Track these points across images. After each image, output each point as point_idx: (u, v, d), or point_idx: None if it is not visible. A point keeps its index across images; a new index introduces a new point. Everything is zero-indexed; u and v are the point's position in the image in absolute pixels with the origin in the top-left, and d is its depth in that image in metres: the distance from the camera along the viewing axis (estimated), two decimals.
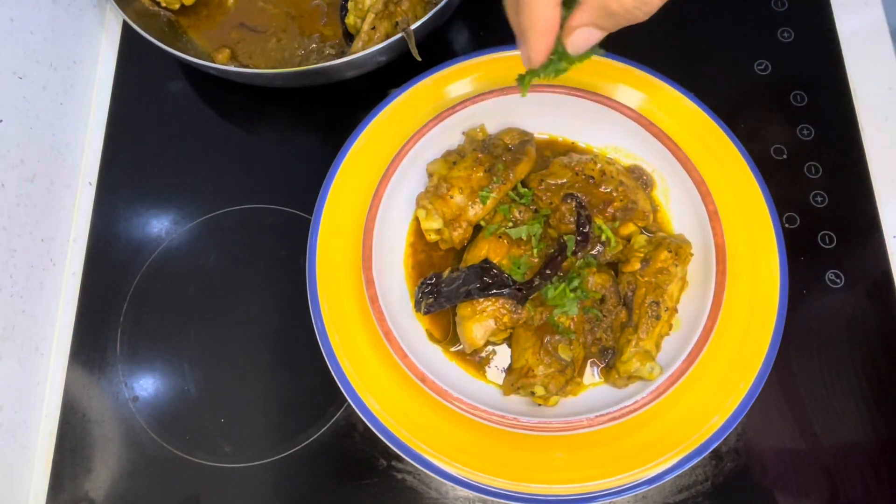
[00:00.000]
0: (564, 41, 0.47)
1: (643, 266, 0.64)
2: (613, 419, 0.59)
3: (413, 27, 0.71)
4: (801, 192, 0.75)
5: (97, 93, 0.85)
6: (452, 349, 0.66)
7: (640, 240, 0.67)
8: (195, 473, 0.67)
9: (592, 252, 0.67)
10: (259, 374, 0.71)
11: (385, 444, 0.61)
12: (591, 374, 0.65)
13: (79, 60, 0.83)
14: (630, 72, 0.72)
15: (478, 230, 0.69)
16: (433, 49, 0.78)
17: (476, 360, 0.66)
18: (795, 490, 0.64)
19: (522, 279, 0.64)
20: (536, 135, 0.73)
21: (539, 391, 0.61)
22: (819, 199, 0.75)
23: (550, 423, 0.59)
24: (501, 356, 0.66)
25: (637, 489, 0.59)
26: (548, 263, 0.65)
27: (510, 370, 0.65)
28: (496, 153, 0.69)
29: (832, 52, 0.81)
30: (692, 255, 0.66)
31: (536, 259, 0.66)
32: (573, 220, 0.67)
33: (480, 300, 0.63)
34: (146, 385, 0.71)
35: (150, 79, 0.84)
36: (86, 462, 0.68)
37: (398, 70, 0.76)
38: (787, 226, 0.73)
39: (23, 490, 0.68)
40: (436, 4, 0.73)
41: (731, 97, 0.79)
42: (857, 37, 0.82)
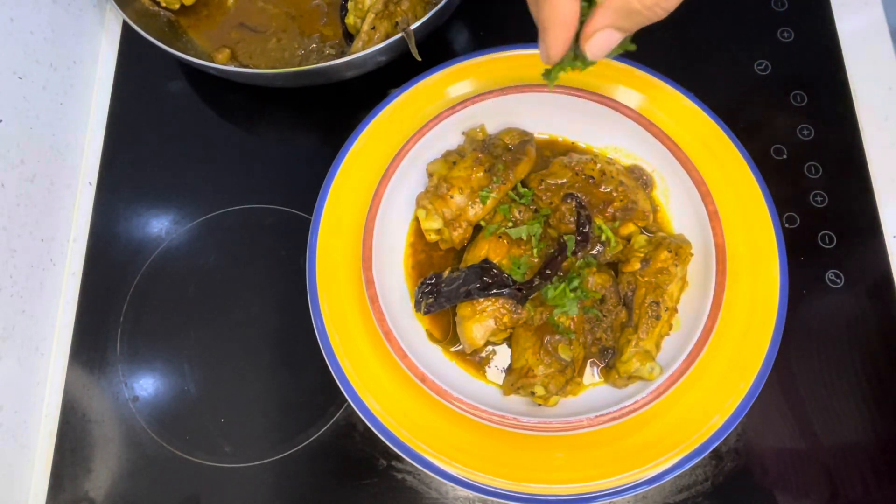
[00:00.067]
0: (583, 45, 0.47)
1: (643, 266, 0.64)
2: (613, 419, 0.59)
3: (413, 27, 0.71)
4: (801, 192, 0.75)
5: (97, 93, 0.85)
6: (452, 349, 0.66)
7: (640, 240, 0.67)
8: (195, 473, 0.67)
9: (592, 252, 0.67)
10: (259, 374, 0.71)
11: (385, 444, 0.61)
12: (591, 374, 0.65)
13: (79, 60, 0.83)
14: (630, 72, 0.72)
15: (478, 230, 0.69)
16: (433, 49, 0.78)
17: (476, 360, 0.66)
18: (795, 490, 0.64)
19: (522, 279, 0.64)
20: (536, 135, 0.73)
21: (539, 391, 0.61)
22: (819, 199, 0.75)
23: (550, 423, 0.59)
24: (501, 356, 0.66)
25: (637, 489, 0.59)
26: (548, 263, 0.65)
27: (510, 370, 0.65)
28: (496, 153, 0.69)
29: (832, 52, 0.81)
30: (692, 255, 0.66)
31: (536, 259, 0.66)
32: (573, 220, 0.67)
33: (480, 300, 0.63)
34: (146, 385, 0.71)
35: (150, 79, 0.84)
36: (86, 462, 0.68)
37: (398, 70, 0.76)
38: (787, 226, 0.73)
39: (23, 490, 0.68)
40: (436, 4, 0.73)
41: (731, 97, 0.79)
42: (857, 37, 0.82)
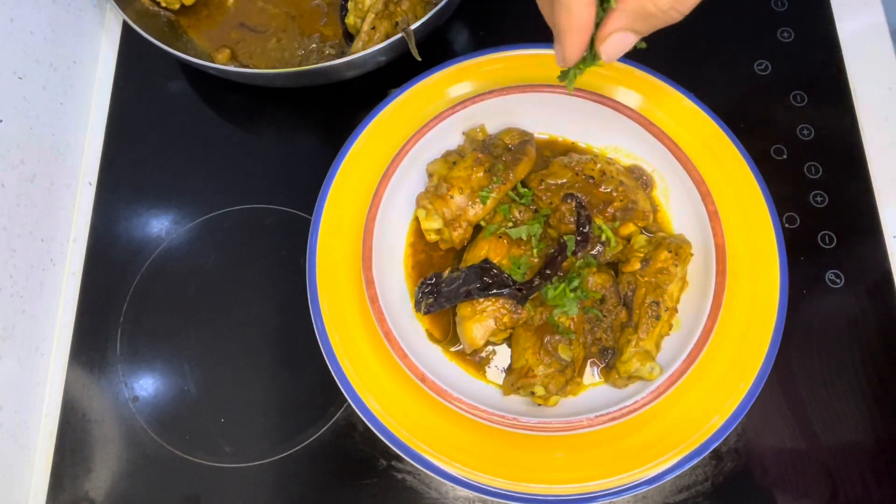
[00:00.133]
0: (598, 48, 0.47)
1: (643, 266, 0.64)
2: (613, 419, 0.59)
3: (413, 27, 0.71)
4: (801, 192, 0.75)
5: (97, 93, 0.85)
6: (452, 349, 0.66)
7: (640, 240, 0.67)
8: (195, 473, 0.67)
9: (592, 252, 0.67)
10: (259, 374, 0.71)
11: (385, 444, 0.61)
12: (591, 374, 0.65)
13: (79, 60, 0.83)
14: (630, 72, 0.72)
15: (478, 230, 0.69)
16: (433, 49, 0.78)
17: (476, 360, 0.66)
18: (795, 490, 0.64)
19: (522, 279, 0.64)
20: (536, 135, 0.73)
21: (539, 391, 0.61)
22: (819, 199, 0.75)
23: (550, 423, 0.59)
24: (501, 356, 0.66)
25: (637, 489, 0.59)
26: (548, 263, 0.65)
27: (510, 370, 0.65)
28: (496, 153, 0.69)
29: (832, 52, 0.81)
30: (692, 255, 0.66)
31: (536, 259, 0.66)
32: (573, 220, 0.67)
33: (480, 300, 0.63)
34: (146, 385, 0.71)
35: (150, 79, 0.84)
36: (86, 462, 0.68)
37: (398, 70, 0.76)
38: (787, 226, 0.73)
39: (23, 490, 0.68)
40: (436, 4, 0.73)
41: (731, 97, 0.79)
42: (857, 37, 0.82)
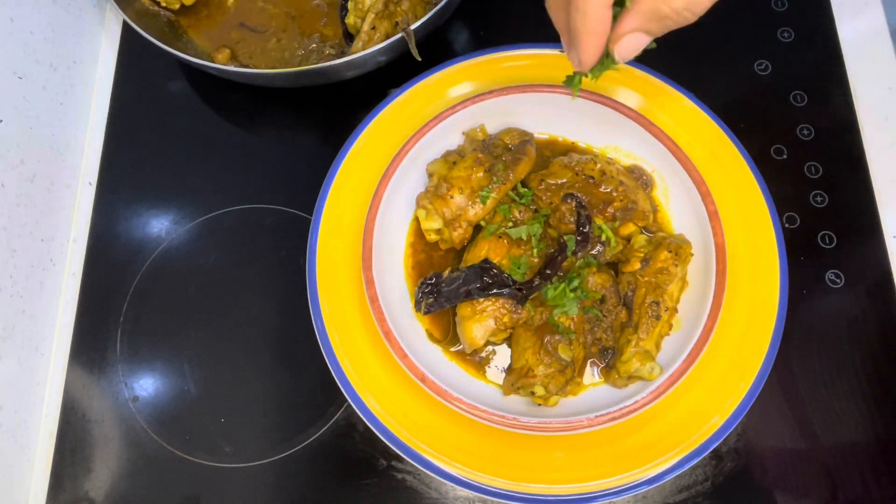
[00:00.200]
0: (611, 48, 0.47)
1: (643, 266, 0.64)
2: (613, 419, 0.59)
3: (413, 27, 0.71)
4: (801, 192, 0.75)
5: (97, 93, 0.85)
6: (452, 349, 0.66)
7: (640, 240, 0.67)
8: (195, 473, 0.67)
9: (592, 252, 0.67)
10: (259, 374, 0.71)
11: (385, 444, 0.61)
12: (591, 374, 0.65)
13: (79, 60, 0.83)
14: (630, 72, 0.72)
15: (478, 230, 0.69)
16: (433, 49, 0.78)
17: (476, 360, 0.66)
18: (795, 490, 0.64)
19: (522, 279, 0.64)
20: (536, 135, 0.73)
21: (539, 391, 0.61)
22: (819, 199, 0.75)
23: (550, 423, 0.59)
24: (501, 356, 0.66)
25: (637, 489, 0.59)
26: (548, 263, 0.65)
27: (510, 370, 0.65)
28: (496, 153, 0.69)
29: (832, 52, 0.81)
30: (692, 255, 0.66)
31: (536, 259, 0.66)
32: (573, 220, 0.67)
33: (480, 300, 0.63)
34: (146, 385, 0.71)
35: (150, 79, 0.84)
36: (86, 462, 0.68)
37: (398, 70, 0.76)
38: (787, 226, 0.73)
39: (23, 490, 0.68)
40: (436, 4, 0.73)
41: (731, 97, 0.79)
42: (857, 37, 0.82)
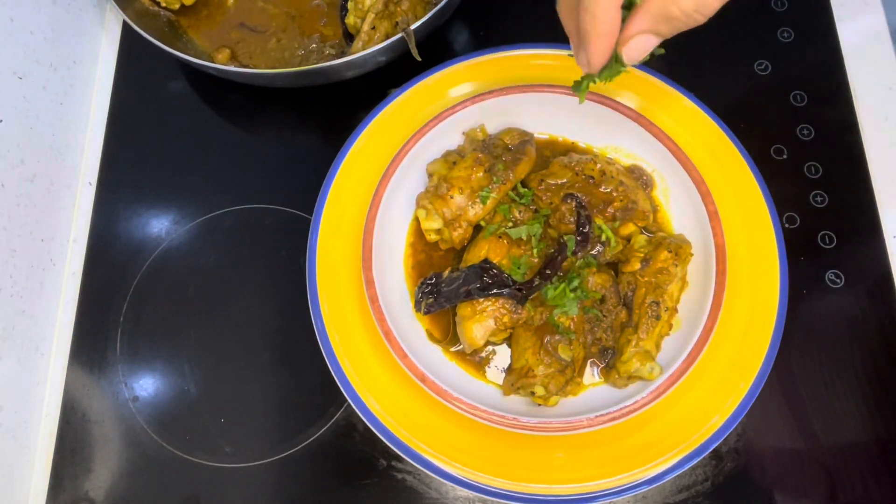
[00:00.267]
0: (619, 50, 0.46)
1: (643, 266, 0.64)
2: (613, 419, 0.59)
3: (413, 27, 0.71)
4: (801, 192, 0.75)
5: (97, 93, 0.85)
6: (452, 349, 0.66)
7: (640, 240, 0.67)
8: (195, 473, 0.67)
9: (592, 252, 0.67)
10: (259, 374, 0.71)
11: (385, 444, 0.61)
12: (591, 374, 0.65)
13: (79, 60, 0.83)
14: (630, 72, 0.72)
15: (478, 230, 0.69)
16: (433, 49, 0.78)
17: (476, 360, 0.66)
18: (795, 490, 0.64)
19: (522, 279, 0.64)
20: (536, 135, 0.73)
21: (539, 391, 0.61)
22: (819, 199, 0.75)
23: (550, 423, 0.59)
24: (501, 356, 0.66)
25: (637, 489, 0.59)
26: (548, 263, 0.65)
27: (510, 370, 0.65)
28: (496, 153, 0.69)
29: (832, 52, 0.81)
30: (692, 255, 0.66)
31: (536, 259, 0.66)
32: (573, 220, 0.67)
33: (480, 300, 0.63)
34: (146, 385, 0.71)
35: (150, 79, 0.84)
36: (86, 462, 0.68)
37: (398, 70, 0.76)
38: (787, 226, 0.73)
39: (23, 490, 0.68)
40: (436, 4, 0.73)
41: (731, 97, 0.79)
42: (858, 37, 0.82)
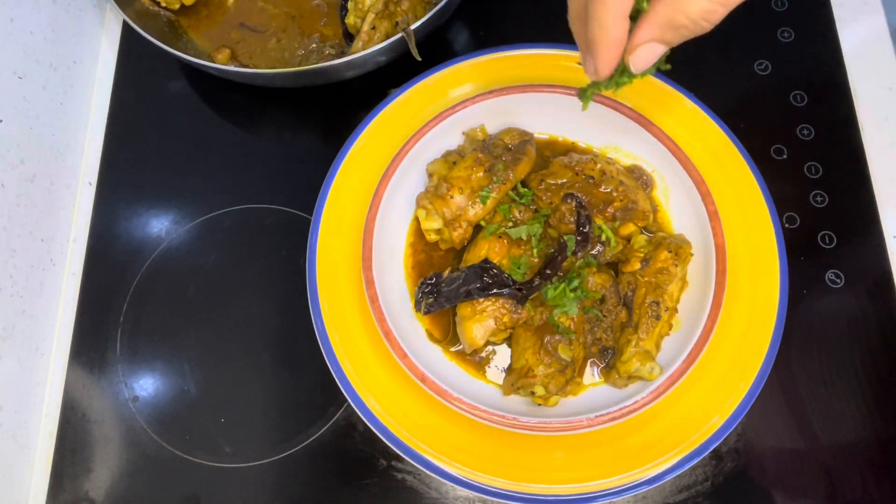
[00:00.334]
0: (626, 59, 0.46)
1: (643, 266, 0.64)
2: (613, 419, 0.59)
3: (413, 27, 0.71)
4: (801, 192, 0.75)
5: (97, 93, 0.85)
6: (452, 349, 0.66)
7: (640, 240, 0.67)
8: (195, 473, 0.67)
9: (592, 252, 0.67)
10: (259, 374, 0.71)
11: (385, 444, 0.61)
12: (591, 374, 0.65)
13: (79, 60, 0.83)
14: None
15: (478, 230, 0.69)
16: (433, 49, 0.78)
17: (476, 360, 0.66)
18: (795, 490, 0.64)
19: (522, 279, 0.64)
20: (536, 135, 0.73)
21: (539, 391, 0.61)
22: (819, 199, 0.75)
23: (550, 423, 0.59)
24: (501, 356, 0.66)
25: (637, 489, 0.59)
26: (548, 263, 0.65)
27: (510, 370, 0.65)
28: (496, 153, 0.69)
29: (832, 52, 0.81)
30: (692, 255, 0.66)
31: (536, 259, 0.66)
32: (573, 220, 0.67)
33: (480, 300, 0.63)
34: (146, 385, 0.71)
35: (150, 79, 0.84)
36: (86, 462, 0.68)
37: (398, 70, 0.76)
38: (787, 226, 0.73)
39: (23, 490, 0.68)
40: (436, 4, 0.73)
41: (731, 97, 0.79)
42: (858, 37, 0.82)
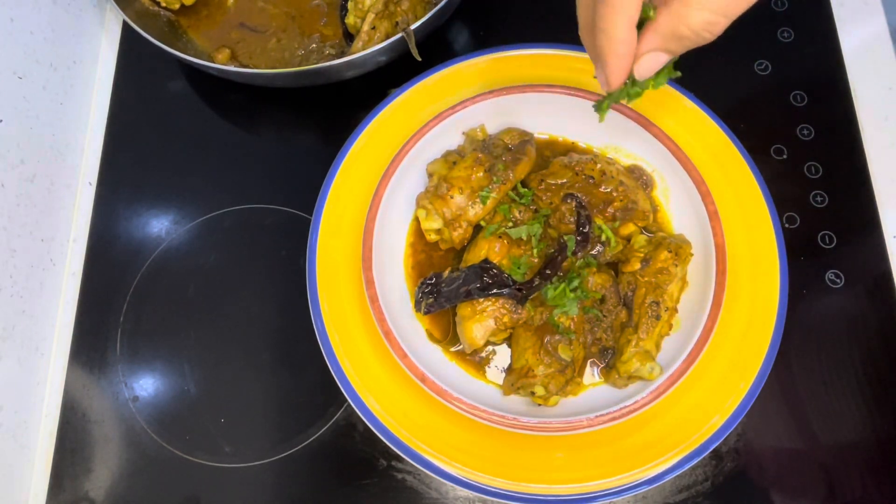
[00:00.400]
0: (632, 67, 0.47)
1: (643, 266, 0.64)
2: (613, 419, 0.59)
3: (413, 27, 0.71)
4: (801, 192, 0.75)
5: (97, 93, 0.85)
6: (452, 349, 0.66)
7: (640, 240, 0.67)
8: (195, 473, 0.67)
9: (592, 252, 0.67)
10: (259, 374, 0.71)
11: (385, 444, 0.61)
12: (591, 374, 0.65)
13: (79, 60, 0.83)
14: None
15: (478, 230, 0.69)
16: (433, 49, 0.78)
17: (476, 360, 0.66)
18: (795, 490, 0.64)
19: (522, 279, 0.64)
20: (536, 135, 0.73)
21: (539, 391, 0.61)
22: (819, 199, 0.75)
23: (550, 423, 0.59)
24: (501, 356, 0.66)
25: (637, 489, 0.59)
26: (548, 263, 0.65)
27: (510, 370, 0.65)
28: (496, 153, 0.69)
29: (832, 52, 0.81)
30: (692, 255, 0.66)
31: (536, 259, 0.66)
32: (573, 220, 0.67)
33: (480, 300, 0.63)
34: (146, 385, 0.71)
35: (150, 79, 0.84)
36: (86, 462, 0.68)
37: (398, 70, 0.76)
38: (787, 226, 0.73)
39: (23, 490, 0.68)
40: (436, 4, 0.73)
41: (731, 97, 0.79)
42: (857, 37, 0.82)
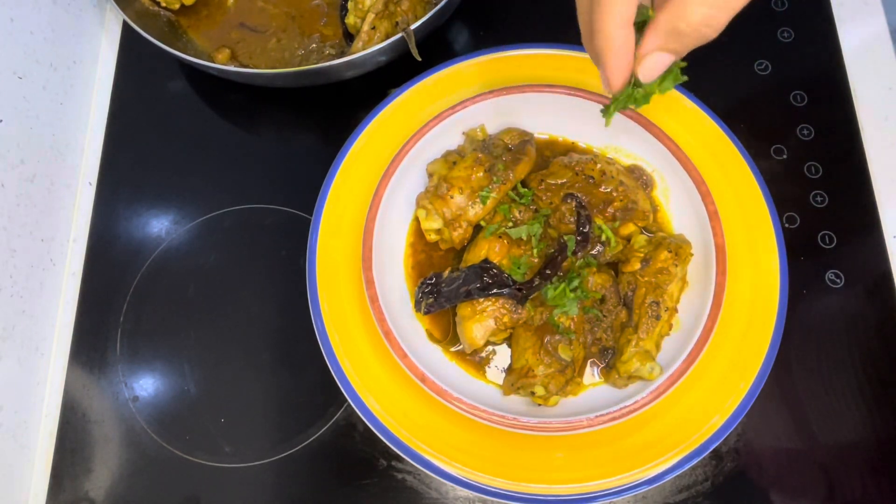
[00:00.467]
0: (635, 70, 0.46)
1: (643, 266, 0.64)
2: (613, 419, 0.59)
3: (413, 27, 0.71)
4: (801, 192, 0.75)
5: (97, 93, 0.85)
6: (452, 349, 0.66)
7: (640, 240, 0.66)
8: (195, 473, 0.67)
9: (592, 252, 0.67)
10: (259, 374, 0.71)
11: (385, 444, 0.61)
12: (591, 374, 0.65)
13: (79, 60, 0.83)
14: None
15: (478, 230, 0.69)
16: (433, 49, 0.78)
17: (476, 360, 0.66)
18: (794, 490, 0.64)
19: (522, 279, 0.64)
20: (536, 135, 0.73)
21: (539, 391, 0.61)
22: (819, 199, 0.75)
23: (550, 423, 0.59)
24: (501, 356, 0.66)
25: (637, 489, 0.59)
26: (548, 263, 0.65)
27: (510, 370, 0.65)
28: (496, 153, 0.69)
29: (832, 52, 0.81)
30: (692, 255, 0.66)
31: (536, 259, 0.66)
32: (573, 220, 0.67)
33: (480, 300, 0.63)
34: (146, 385, 0.71)
35: (150, 79, 0.84)
36: (86, 462, 0.68)
37: (398, 70, 0.76)
38: (787, 226, 0.73)
39: (23, 490, 0.68)
40: (436, 4, 0.73)
41: (731, 97, 0.79)
42: (857, 37, 0.82)
